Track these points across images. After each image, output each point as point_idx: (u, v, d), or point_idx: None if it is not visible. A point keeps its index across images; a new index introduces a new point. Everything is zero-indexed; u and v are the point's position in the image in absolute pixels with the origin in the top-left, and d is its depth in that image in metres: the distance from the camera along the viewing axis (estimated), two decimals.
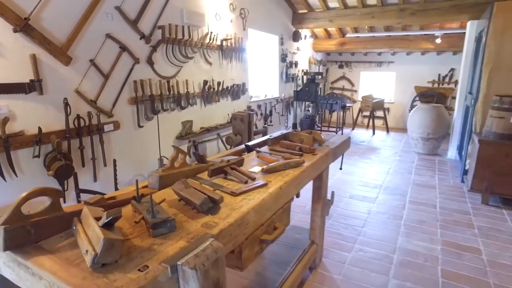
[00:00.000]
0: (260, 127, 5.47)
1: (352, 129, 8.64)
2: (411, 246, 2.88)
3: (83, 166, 2.88)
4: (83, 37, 2.78)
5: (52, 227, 1.03)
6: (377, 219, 3.40)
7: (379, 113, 8.49)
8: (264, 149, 2.18)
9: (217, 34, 4.42)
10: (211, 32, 4.29)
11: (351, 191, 4.21)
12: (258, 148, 2.18)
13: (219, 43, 4.47)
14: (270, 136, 2.41)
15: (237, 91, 5.02)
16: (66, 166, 2.59)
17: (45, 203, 1.03)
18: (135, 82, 3.30)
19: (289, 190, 1.60)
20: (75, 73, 2.76)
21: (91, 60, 2.87)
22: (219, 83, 4.59)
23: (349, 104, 8.11)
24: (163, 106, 3.68)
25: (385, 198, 3.98)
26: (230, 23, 4.73)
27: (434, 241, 2.97)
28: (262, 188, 1.45)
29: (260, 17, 5.55)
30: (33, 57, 2.42)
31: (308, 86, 6.53)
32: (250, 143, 2.34)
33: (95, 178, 3.00)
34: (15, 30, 2.30)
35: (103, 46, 2.95)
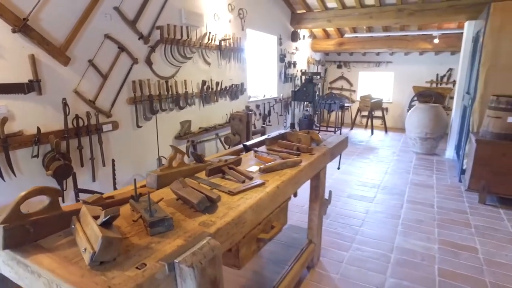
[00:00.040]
0: (259, 127, 5.49)
1: (351, 129, 8.66)
2: (408, 245, 2.89)
3: (81, 166, 2.89)
4: (81, 37, 2.79)
5: (51, 226, 1.04)
6: (375, 219, 3.42)
7: (378, 113, 8.51)
8: (262, 148, 2.19)
9: (215, 34, 4.43)
10: (209, 32, 4.30)
11: (349, 191, 4.22)
12: (256, 148, 2.20)
13: (217, 43, 4.48)
14: (268, 136, 2.42)
15: (235, 91, 5.04)
16: (65, 166, 2.60)
17: (44, 202, 1.04)
18: (133, 82, 3.31)
19: (286, 190, 1.61)
20: (73, 73, 2.77)
21: (89, 61, 2.88)
22: (217, 83, 4.60)
23: (347, 104, 8.12)
24: (162, 106, 3.69)
25: (383, 198, 4.00)
26: (229, 23, 4.74)
27: (431, 240, 2.99)
28: (259, 188, 1.46)
29: (258, 17, 5.56)
30: (31, 57, 2.43)
31: (306, 86, 6.54)
32: (248, 143, 2.35)
33: (93, 178, 3.01)
34: (13, 31, 2.31)
35: (101, 47, 2.96)
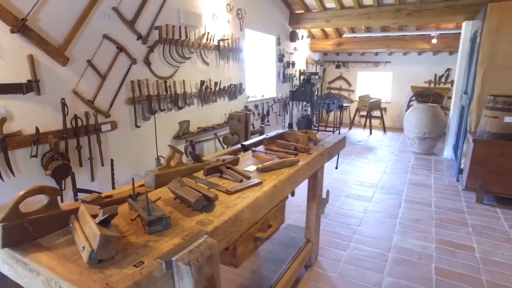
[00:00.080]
0: (257, 127, 5.50)
1: (349, 129, 8.68)
2: (406, 245, 2.91)
3: (80, 166, 2.90)
4: (80, 37, 2.80)
5: (50, 225, 1.05)
6: (373, 218, 3.43)
7: (376, 113, 8.53)
8: (260, 148, 2.21)
9: (214, 35, 4.44)
10: (208, 33, 4.31)
11: (347, 190, 4.24)
12: (254, 148, 2.21)
13: (216, 43, 4.49)
14: (266, 136, 2.43)
15: (234, 91, 5.05)
16: (64, 166, 2.61)
17: (42, 201, 1.05)
18: (132, 82, 3.32)
19: (283, 189, 1.62)
20: (72, 73, 2.78)
21: (88, 61, 2.88)
22: (216, 83, 4.61)
23: (346, 104, 8.14)
24: (160, 106, 3.70)
25: (381, 197, 4.01)
26: (227, 23, 4.75)
27: (428, 239, 3.00)
28: (256, 187, 1.47)
29: (257, 17, 5.57)
30: (30, 57, 2.44)
31: (304, 86, 6.56)
32: (246, 142, 2.36)
33: (92, 177, 3.01)
34: (12, 31, 2.32)
35: (100, 47, 2.97)
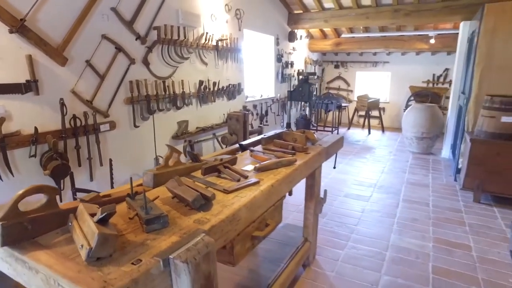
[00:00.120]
0: (256, 127, 5.51)
1: (348, 128, 8.70)
2: (403, 244, 2.93)
3: (79, 165, 2.91)
4: (79, 38, 2.80)
5: (49, 224, 1.06)
6: (370, 217, 3.45)
7: (375, 112, 8.56)
8: (258, 148, 2.22)
9: (212, 35, 4.45)
10: (206, 33, 4.32)
11: (345, 190, 4.25)
12: (252, 147, 2.22)
13: (214, 43, 4.50)
14: (264, 136, 2.45)
15: (232, 91, 5.06)
16: (63, 165, 2.61)
17: (41, 200, 1.06)
18: (131, 82, 3.33)
19: (280, 188, 1.63)
20: (71, 73, 2.79)
21: (87, 61, 2.89)
22: (214, 83, 4.62)
23: (344, 104, 8.17)
24: (159, 106, 3.71)
25: (379, 197, 4.03)
26: (226, 23, 4.77)
27: (426, 238, 3.02)
28: (254, 186, 1.49)
29: (255, 17, 5.58)
30: (29, 57, 2.45)
31: (302, 86, 6.57)
32: (244, 142, 2.37)
33: (91, 177, 3.02)
34: (11, 31, 2.33)
35: (99, 47, 2.97)
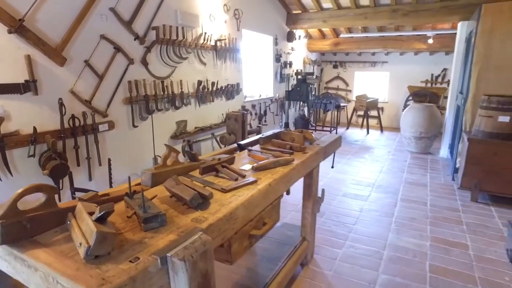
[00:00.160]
0: (255, 127, 5.52)
1: (347, 128, 8.72)
2: (401, 243, 2.94)
3: (78, 165, 2.92)
4: (77, 38, 2.81)
5: (47, 222, 1.07)
6: (369, 217, 3.47)
7: (373, 112, 8.57)
8: (256, 147, 2.23)
9: (211, 35, 4.46)
10: (205, 33, 4.33)
11: (344, 190, 4.27)
12: (250, 147, 2.23)
13: (213, 43, 4.51)
14: (262, 135, 2.46)
15: (231, 91, 5.07)
16: (61, 165, 2.62)
17: (40, 199, 1.07)
18: (129, 82, 3.33)
19: (278, 187, 1.65)
20: (69, 73, 2.79)
21: (85, 61, 2.90)
22: (213, 83, 4.63)
23: (343, 104, 8.18)
24: (158, 106, 3.72)
25: (377, 196, 4.05)
26: (224, 23, 4.78)
27: (423, 237, 3.03)
28: (251, 185, 1.50)
29: (254, 17, 5.59)
30: (28, 58, 2.45)
31: (300, 86, 6.59)
32: (242, 142, 2.38)
33: (90, 177, 3.03)
34: (9, 31, 2.33)
35: (97, 47, 2.98)
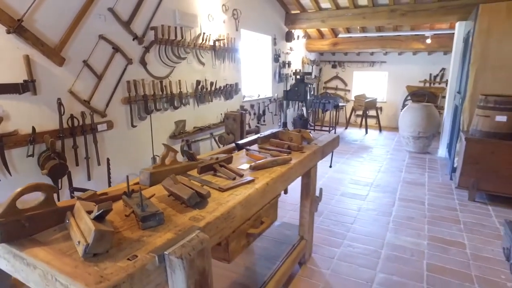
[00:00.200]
0: (253, 127, 5.53)
1: (345, 128, 8.74)
2: (398, 242, 2.96)
3: (77, 165, 2.92)
4: (76, 38, 2.82)
5: (46, 221, 1.08)
6: (367, 216, 3.48)
7: (372, 112, 8.59)
8: (254, 147, 2.24)
9: (209, 35, 4.46)
10: (203, 33, 4.34)
11: (342, 189, 4.28)
12: (248, 147, 2.24)
13: (211, 43, 4.52)
14: (260, 135, 2.47)
15: (230, 91, 5.08)
16: (60, 165, 2.62)
17: (39, 198, 1.08)
18: (128, 82, 3.34)
19: (276, 186, 1.66)
20: (68, 73, 2.80)
21: (84, 61, 2.90)
22: (212, 83, 4.64)
23: (342, 104, 8.19)
24: (156, 106, 3.73)
25: (375, 196, 4.06)
26: (223, 23, 4.78)
27: (421, 236, 3.05)
28: (249, 184, 1.51)
29: (252, 17, 5.60)
30: (26, 58, 2.46)
31: (298, 85, 6.60)
32: (240, 141, 2.39)
33: (89, 177, 3.04)
34: (8, 32, 2.34)
35: (96, 47, 2.99)
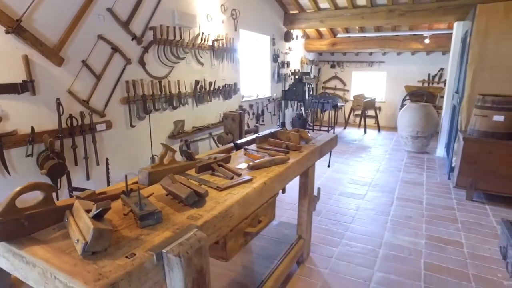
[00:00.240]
0: (252, 127, 5.55)
1: (344, 128, 8.75)
2: (396, 241, 2.97)
3: (76, 165, 2.93)
4: (75, 38, 2.83)
5: (45, 220, 1.09)
6: (365, 216, 3.50)
7: (371, 112, 8.61)
8: (252, 147, 2.25)
9: (208, 35, 4.47)
10: (202, 33, 4.35)
11: (341, 189, 4.30)
12: (246, 146, 2.25)
13: (210, 43, 4.53)
14: (258, 135, 2.48)
15: (228, 91, 5.09)
16: (59, 164, 2.63)
17: (38, 197, 1.09)
18: (127, 82, 3.35)
19: (273, 186, 1.67)
20: (67, 73, 2.81)
21: (83, 61, 2.91)
22: (210, 83, 4.65)
23: (340, 104, 8.21)
24: (155, 106, 3.73)
25: (373, 195, 4.08)
26: (222, 23, 4.79)
27: (418, 235, 3.07)
28: (246, 183, 1.52)
29: (251, 17, 5.61)
30: (25, 58, 2.47)
31: (296, 85, 6.61)
32: (238, 141, 2.41)
33: (88, 176, 3.04)
34: (7, 32, 2.35)
35: (95, 47, 3.00)
